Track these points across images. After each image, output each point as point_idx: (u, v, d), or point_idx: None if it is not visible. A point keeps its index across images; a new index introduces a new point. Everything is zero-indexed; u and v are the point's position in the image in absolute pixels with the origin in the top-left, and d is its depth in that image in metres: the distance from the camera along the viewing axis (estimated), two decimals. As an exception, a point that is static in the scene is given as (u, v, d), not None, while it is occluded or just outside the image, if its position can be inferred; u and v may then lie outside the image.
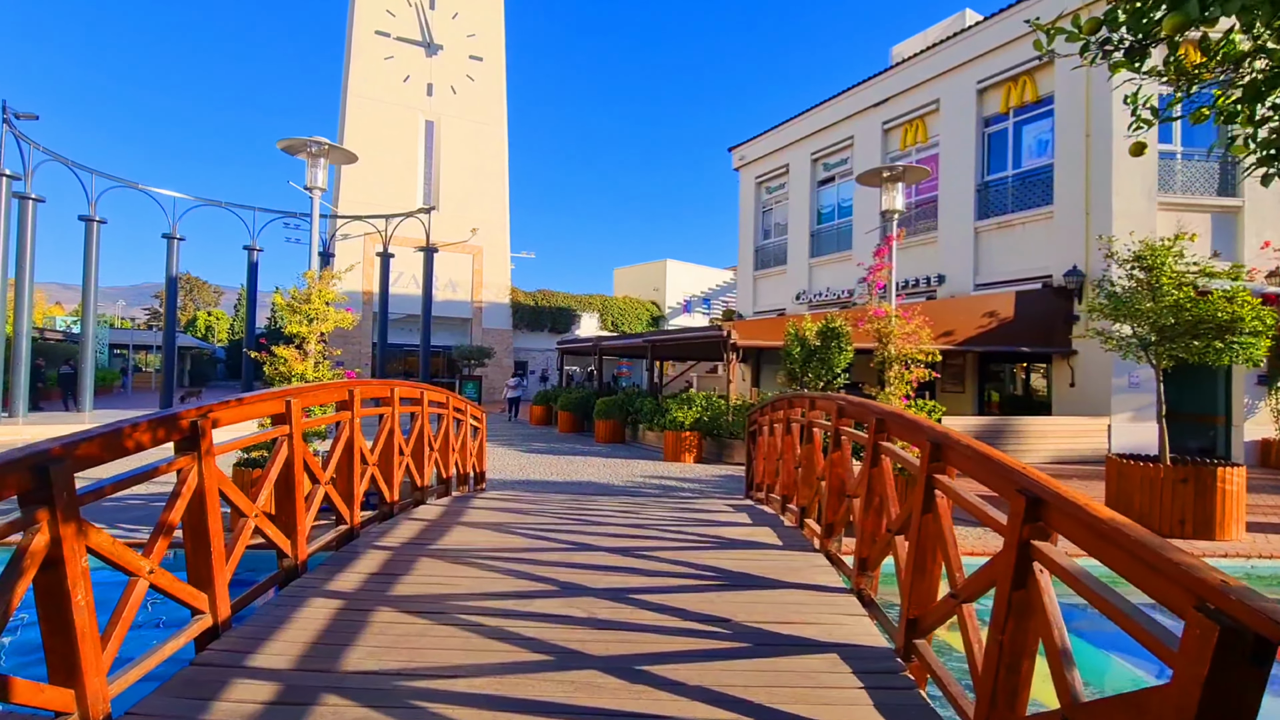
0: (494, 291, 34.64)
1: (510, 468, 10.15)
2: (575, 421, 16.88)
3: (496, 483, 8.59)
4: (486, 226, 33.97)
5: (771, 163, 22.14)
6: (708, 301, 41.76)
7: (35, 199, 14.19)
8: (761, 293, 22.94)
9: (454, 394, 5.95)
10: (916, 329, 6.16)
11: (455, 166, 33.59)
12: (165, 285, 18.18)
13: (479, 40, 34.37)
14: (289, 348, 5.77)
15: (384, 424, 4.90)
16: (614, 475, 9.52)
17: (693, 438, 11.33)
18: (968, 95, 15.62)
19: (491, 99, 34.70)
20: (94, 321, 15.96)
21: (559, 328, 37.03)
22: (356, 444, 4.48)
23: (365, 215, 20.74)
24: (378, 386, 5.01)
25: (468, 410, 6.04)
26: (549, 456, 11.62)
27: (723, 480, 9.24)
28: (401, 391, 5.02)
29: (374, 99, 31.81)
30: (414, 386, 5.32)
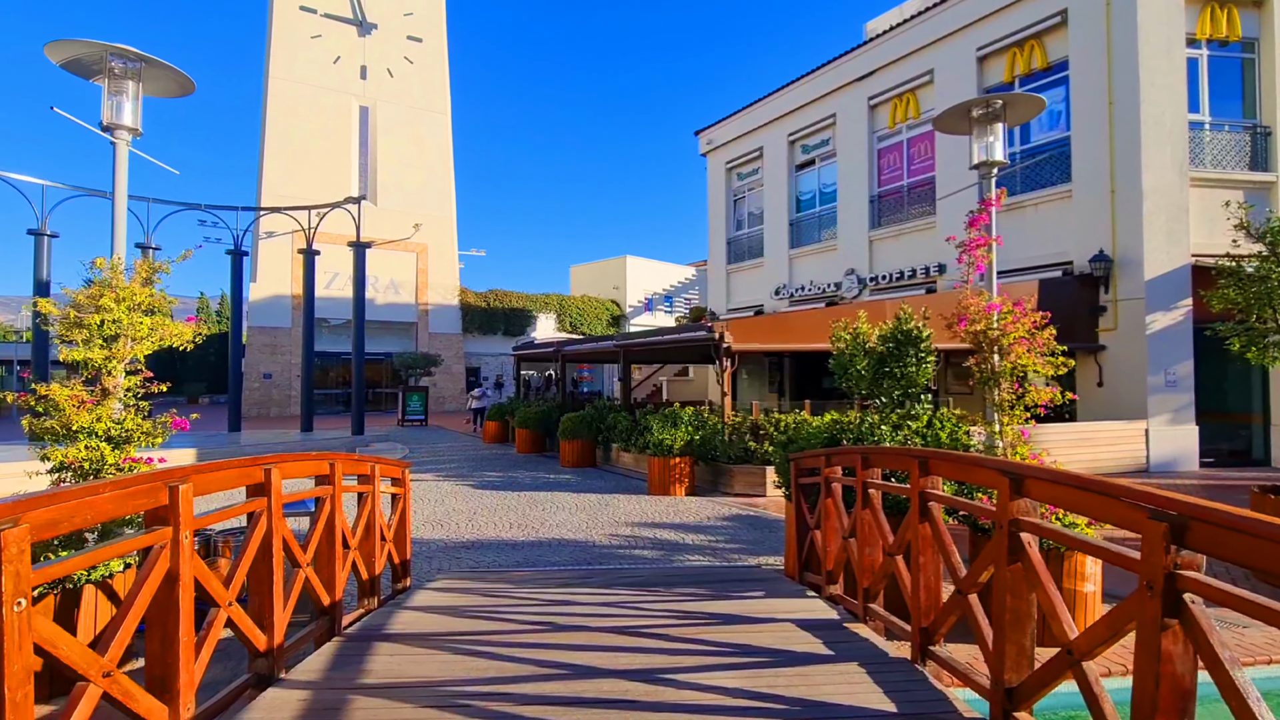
0: (441, 293, 31.93)
1: (456, 518, 7.92)
2: (536, 440, 14.66)
3: (435, 548, 6.39)
4: (431, 222, 31.23)
5: (743, 146, 20.34)
6: (670, 299, 39.94)
7: None
8: (736, 288, 21.14)
9: (376, 459, 3.78)
10: (1030, 328, 4.28)
11: (394, 157, 30.73)
12: (34, 290, 15.09)
13: (417, 19, 31.60)
14: (70, 383, 3.50)
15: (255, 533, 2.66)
16: (592, 524, 7.40)
17: (683, 464, 9.32)
18: (966, 64, 14.08)
19: (433, 83, 31.94)
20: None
21: (513, 330, 34.54)
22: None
23: (283, 208, 17.95)
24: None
25: (374, 476, 3.81)
26: (506, 495, 9.40)
27: (734, 528, 7.23)
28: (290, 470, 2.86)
29: (300, 81, 28.69)
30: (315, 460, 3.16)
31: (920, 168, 15.34)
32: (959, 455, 2.97)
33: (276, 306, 28.15)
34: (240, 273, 17.79)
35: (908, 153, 15.70)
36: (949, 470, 2.89)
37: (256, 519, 2.79)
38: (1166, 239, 11.36)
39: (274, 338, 28.19)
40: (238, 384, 18.32)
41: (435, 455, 14.35)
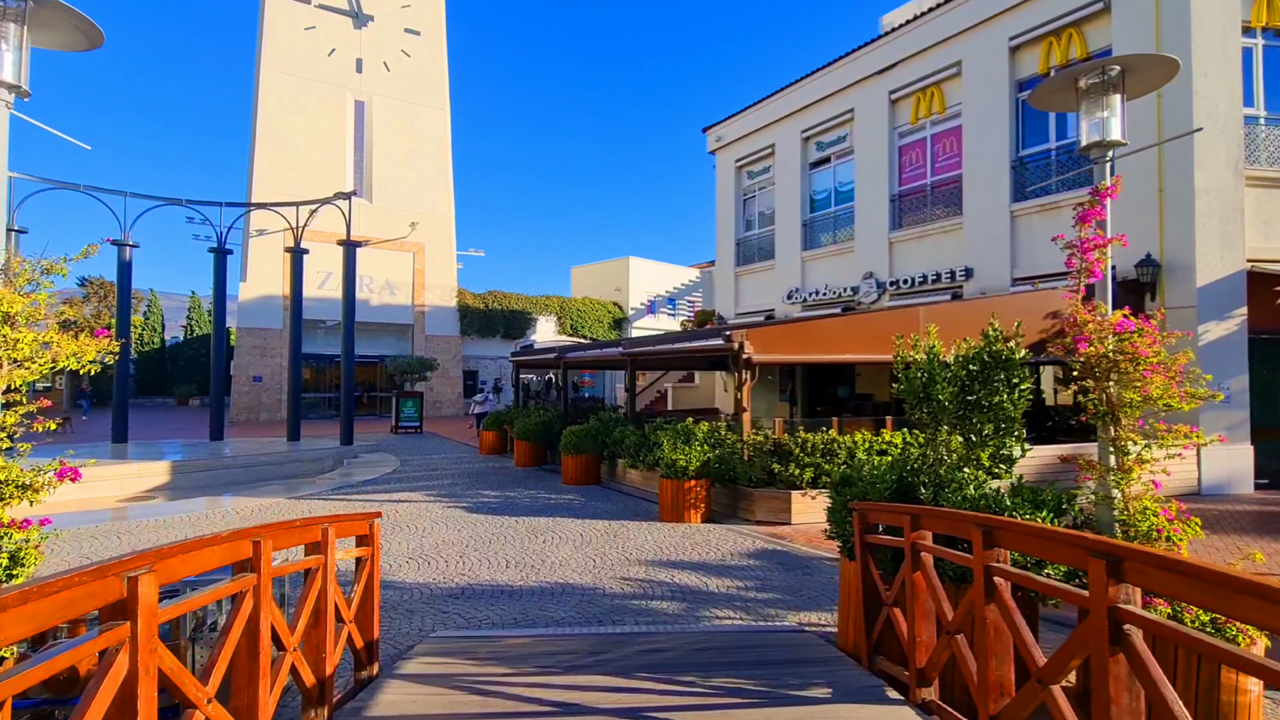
0: (439, 294, 31.02)
1: (446, 552, 7.02)
2: (536, 452, 13.76)
3: (418, 597, 5.51)
4: (428, 221, 30.33)
5: (754, 143, 19.46)
6: (673, 302, 39.06)
7: None
8: (745, 291, 20.25)
9: (331, 519, 2.89)
10: (1164, 351, 3.40)
11: (390, 153, 29.83)
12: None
13: (415, 11, 30.73)
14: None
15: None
16: (600, 563, 6.50)
17: (699, 488, 8.41)
18: (997, 55, 13.20)
19: (431, 78, 31.06)
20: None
21: (513, 333, 33.65)
22: None
23: (271, 204, 17.04)
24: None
25: (327, 544, 2.88)
26: (503, 521, 8.50)
27: (763, 568, 6.34)
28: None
29: (292, 74, 27.78)
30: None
31: (946, 165, 14.46)
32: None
33: (267, 307, 27.22)
34: (224, 271, 16.89)
35: (931, 150, 14.82)
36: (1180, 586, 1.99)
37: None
38: (1220, 242, 10.49)
39: (264, 339, 27.25)
40: (220, 388, 17.40)
41: (429, 469, 13.45)
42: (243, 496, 10.53)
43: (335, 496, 10.29)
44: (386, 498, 10.08)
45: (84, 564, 1.62)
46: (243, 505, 9.65)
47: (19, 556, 2.82)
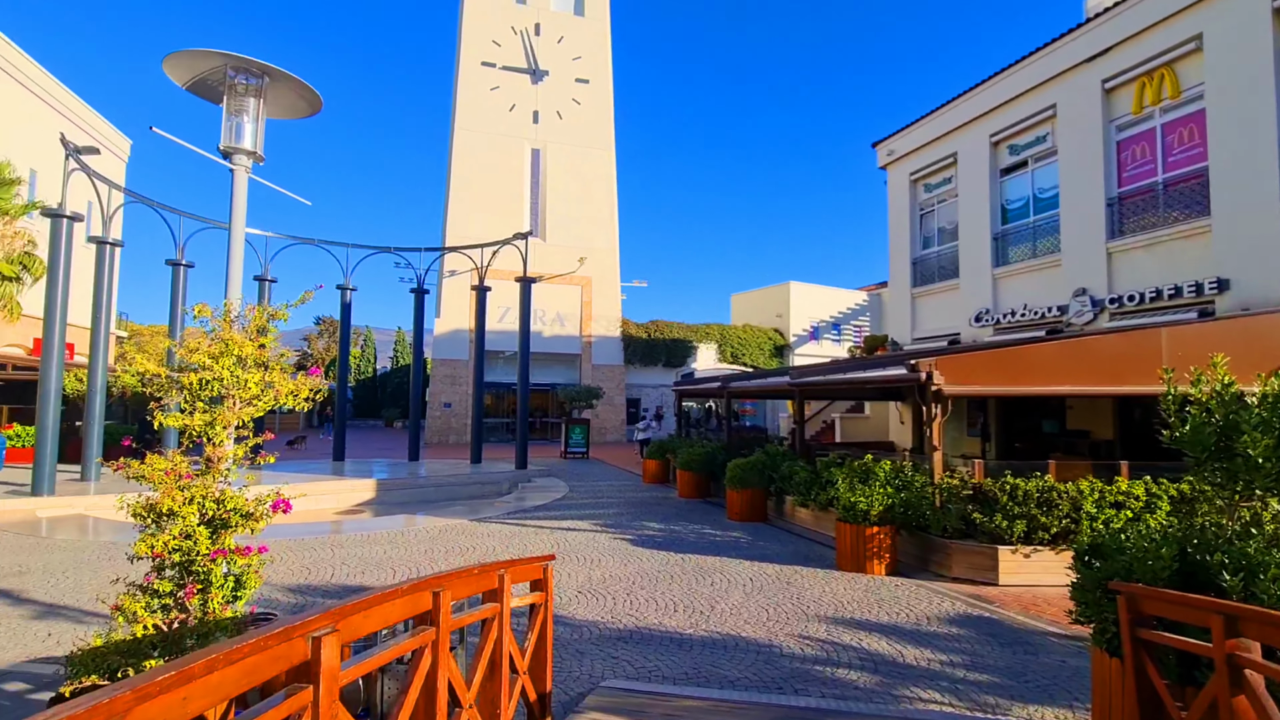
0: (604, 324, 32.31)
1: (613, 588, 6.91)
2: (699, 484, 13.48)
3: (588, 637, 5.40)
4: (595, 255, 31.87)
5: (932, 154, 17.91)
6: (838, 327, 37.13)
7: (113, 243, 13.19)
8: (923, 314, 18.51)
9: (506, 565, 2.83)
10: None
11: (562, 194, 31.93)
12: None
13: (585, 63, 32.84)
14: (171, 453, 2.96)
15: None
16: (775, 615, 5.98)
17: (883, 536, 7.54)
18: (1255, 21, 10.86)
19: (598, 122, 32.89)
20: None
21: (674, 361, 34.00)
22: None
23: (459, 247, 18.83)
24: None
25: (502, 591, 2.78)
26: (669, 557, 8.26)
27: (971, 640, 5.42)
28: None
29: (480, 130, 30.94)
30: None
31: (1183, 159, 12.11)
32: None
33: (456, 340, 30.14)
34: (422, 309, 18.92)
35: (1162, 142, 12.52)
36: None
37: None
38: None
39: (454, 369, 30.14)
40: (418, 413, 19.36)
41: (595, 496, 13.72)
42: (432, 516, 11.41)
43: (510, 520, 10.77)
44: (556, 525, 10.34)
45: (272, 622, 1.56)
46: (432, 525, 10.43)
47: (242, 579, 3.07)
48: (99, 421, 12.90)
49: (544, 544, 8.91)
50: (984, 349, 9.64)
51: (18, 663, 4.77)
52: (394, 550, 8.53)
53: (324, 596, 6.47)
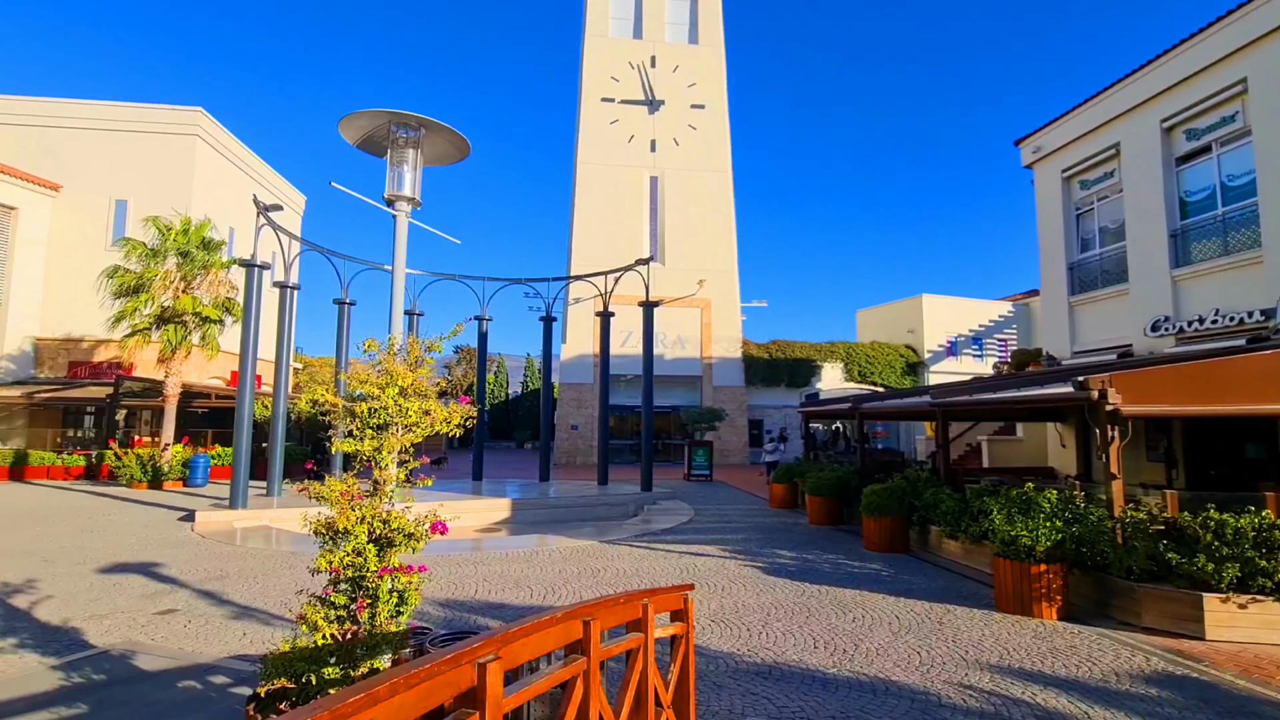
0: (724, 346, 32.10)
1: (747, 618, 6.69)
2: (831, 510, 12.84)
3: (724, 669, 5.24)
4: (714, 277, 31.88)
5: (1088, 147, 16.16)
6: (978, 341, 34.29)
7: (293, 287, 15.05)
8: (1084, 324, 16.59)
9: (649, 594, 2.82)
10: None
11: (679, 218, 32.35)
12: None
13: (700, 88, 33.30)
14: (345, 477, 3.24)
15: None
16: (928, 658, 5.48)
17: (1052, 575, 6.71)
18: None
19: (714, 145, 33.11)
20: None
21: (797, 381, 33.01)
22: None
23: (583, 275, 19.56)
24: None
25: (646, 620, 2.73)
26: (804, 588, 7.88)
27: (1177, 706, 4.65)
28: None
29: (601, 163, 32.21)
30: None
31: None
32: None
33: (581, 365, 31.22)
34: (550, 336, 19.80)
35: (1399, 108, 10.42)
36: None
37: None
38: None
39: (579, 393, 31.20)
40: (548, 435, 20.17)
41: (721, 520, 13.49)
42: (562, 536, 11.75)
43: (638, 544, 10.83)
44: (684, 549, 10.25)
45: (425, 636, 1.61)
46: (563, 545, 10.72)
47: (405, 596, 3.28)
48: (281, 443, 14.67)
49: (672, 569, 8.85)
50: (1167, 362, 8.40)
51: (221, 658, 5.42)
52: (530, 569, 8.84)
53: (469, 612, 6.81)
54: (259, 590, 7.62)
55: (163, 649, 5.63)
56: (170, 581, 8.01)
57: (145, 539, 10.78)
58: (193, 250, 19.74)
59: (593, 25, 33.45)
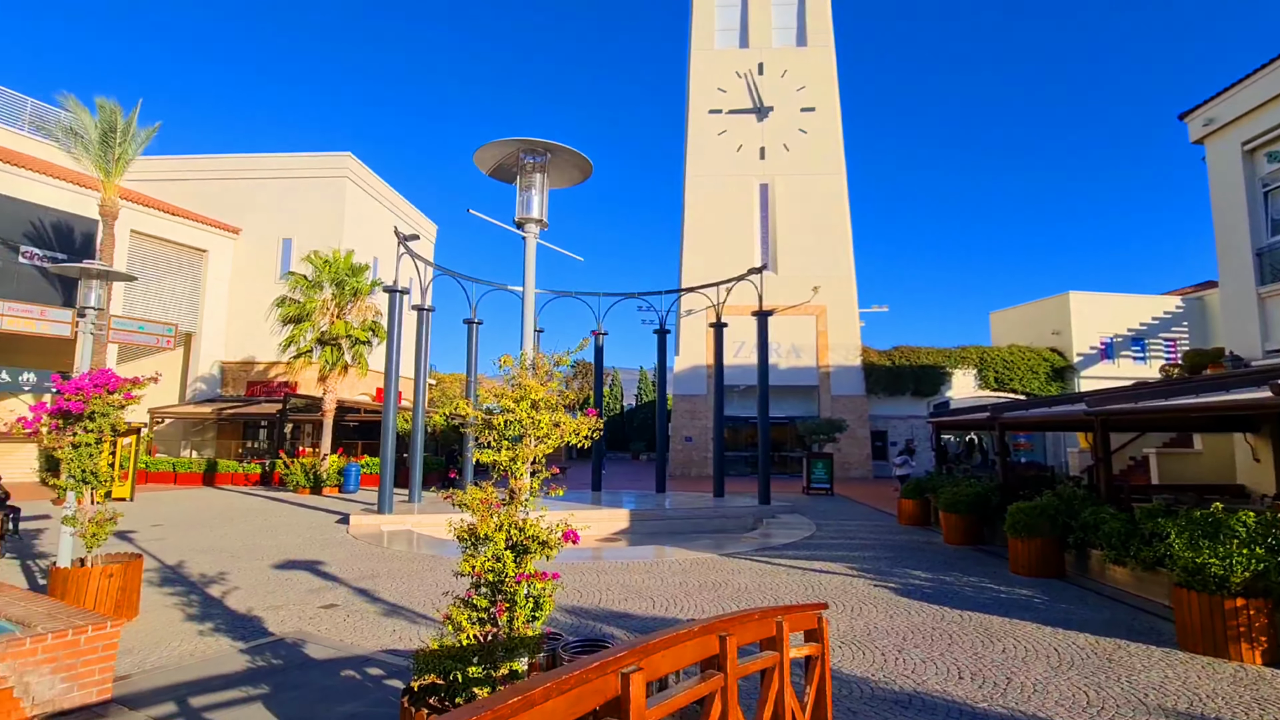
0: (842, 353, 30.85)
1: (881, 641, 6.33)
2: (969, 528, 11.89)
3: (860, 696, 4.98)
4: (829, 283, 30.80)
5: (1276, 113, 13.96)
6: (1139, 342, 30.56)
7: (429, 309, 16.31)
8: (1279, 319, 14.27)
9: (783, 611, 2.75)
10: None
11: (792, 224, 31.63)
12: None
13: (809, 91, 32.52)
14: (484, 485, 3.44)
15: None
16: (1098, 699, 4.90)
17: (1254, 611, 5.76)
18: None
19: (826, 147, 32.12)
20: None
21: (924, 390, 31.02)
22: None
23: (695, 287, 19.59)
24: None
25: (781, 638, 2.64)
26: (941, 612, 7.34)
27: None
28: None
29: (709, 176, 32.26)
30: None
31: None
32: None
33: (695, 376, 31.23)
34: (664, 348, 20.00)
35: None
36: None
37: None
38: None
39: (693, 404, 31.20)
40: (663, 447, 20.32)
41: (845, 536, 12.89)
42: (680, 548, 11.74)
43: (758, 558, 10.59)
44: (807, 565, 9.89)
45: (586, 656, 1.65)
46: (682, 557, 10.71)
47: (540, 602, 3.41)
48: (420, 454, 15.89)
49: (796, 586, 8.56)
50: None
51: (375, 651, 5.91)
52: (650, 580, 8.90)
53: (594, 620, 6.97)
54: (405, 590, 8.25)
55: (327, 640, 6.23)
56: (330, 579, 8.88)
57: (309, 539, 12.04)
58: (344, 279, 22.00)
59: (698, 40, 33.72)
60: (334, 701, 4.75)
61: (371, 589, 8.29)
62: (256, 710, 4.59)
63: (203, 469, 23.21)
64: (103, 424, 6.59)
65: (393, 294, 14.50)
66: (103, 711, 4.46)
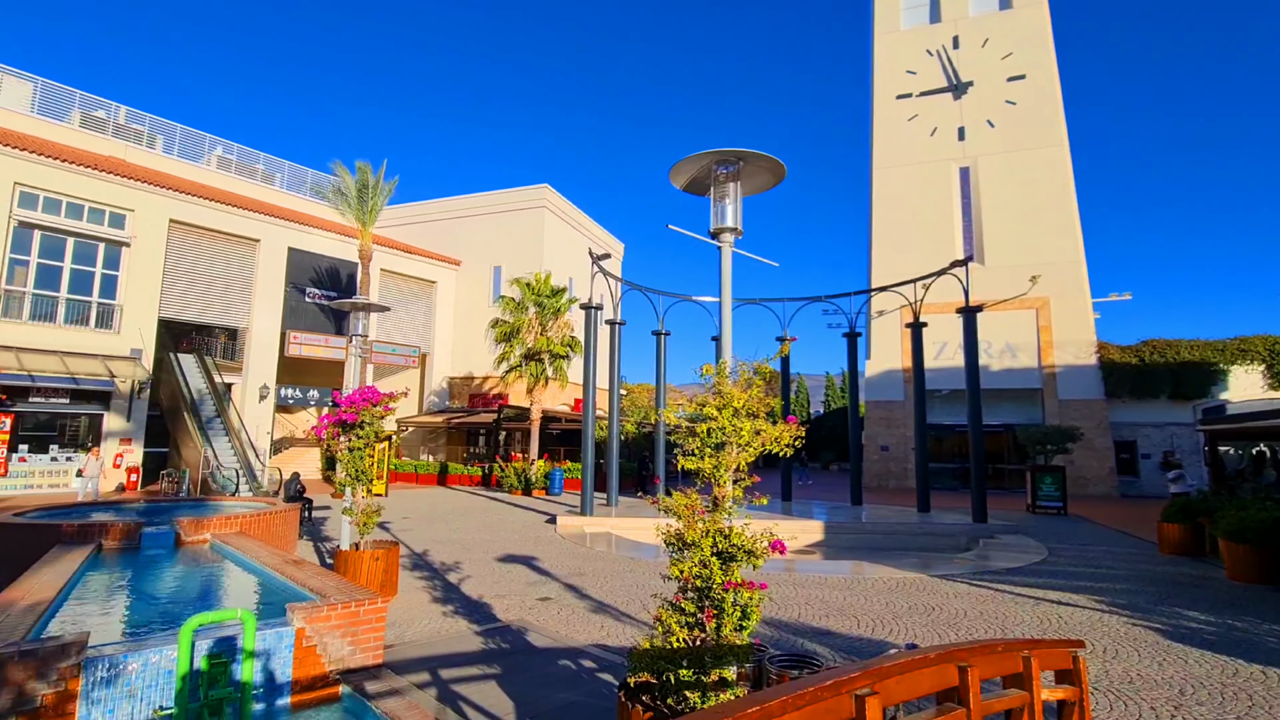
0: (1072, 351, 26.79)
1: (1152, 699, 5.34)
2: (1263, 563, 9.58)
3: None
4: (1051, 271, 26.98)
5: None
6: None
7: (620, 323, 17.23)
8: None
9: (1029, 644, 2.47)
10: None
11: (1001, 208, 28.28)
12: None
13: (1018, 58, 28.97)
14: (689, 492, 3.52)
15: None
16: None
17: None
18: None
19: (1042, 117, 28.30)
20: (662, 420, 18.11)
21: (1186, 391, 25.82)
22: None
23: (888, 286, 18.31)
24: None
25: (1030, 676, 2.32)
26: (1228, 664, 5.99)
27: None
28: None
29: (899, 167, 30.13)
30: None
31: None
32: None
33: (888, 381, 29.18)
34: (855, 352, 18.96)
35: None
36: None
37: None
38: None
39: (888, 411, 29.15)
40: (858, 457, 19.22)
41: (1087, 564, 11.11)
42: (882, 565, 10.97)
43: (978, 582, 9.53)
44: (1039, 595, 8.68)
45: (813, 674, 1.61)
46: (885, 575, 10.00)
47: (747, 611, 3.40)
48: (616, 460, 16.79)
49: (1028, 618, 7.55)
50: None
51: (586, 644, 6.34)
52: (852, 598, 8.44)
53: (794, 634, 6.78)
54: (609, 589, 8.74)
55: (544, 629, 6.82)
56: (544, 573, 9.71)
57: (523, 536, 13.30)
58: (545, 300, 24.15)
59: (882, 22, 31.74)
60: (554, 688, 5.17)
61: (579, 585, 8.91)
62: (491, 688, 5.16)
63: (436, 471, 26.80)
64: (369, 432, 7.91)
65: (588, 310, 15.56)
66: (376, 674, 5.32)
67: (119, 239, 20.85)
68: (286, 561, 7.17)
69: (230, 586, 7.24)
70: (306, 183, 31.47)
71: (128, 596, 6.73)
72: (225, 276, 23.93)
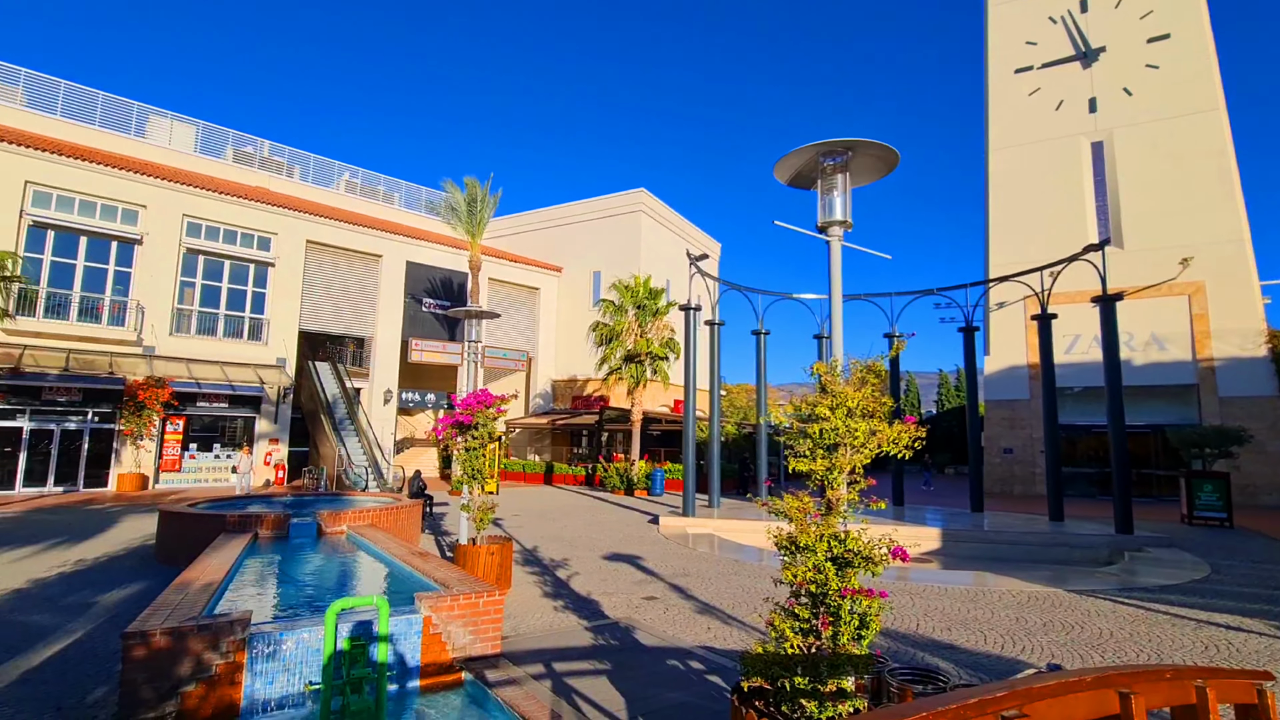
0: (1234, 341, 23.63)
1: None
2: None
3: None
4: (1207, 251, 23.95)
5: None
6: None
7: (719, 323, 17.11)
8: None
9: (1208, 674, 2.21)
10: None
11: (1143, 184, 25.45)
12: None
13: (1159, 16, 26.01)
14: (800, 495, 3.41)
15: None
16: None
17: None
18: None
19: (1191, 80, 25.22)
20: (765, 421, 17.78)
21: (1391, 386, 22.00)
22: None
23: (1010, 276, 16.95)
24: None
25: (1205, 702, 2.04)
26: None
27: None
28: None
29: (1019, 146, 27.88)
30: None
31: None
32: None
33: (1011, 378, 27.04)
34: (973, 348, 17.72)
35: None
36: None
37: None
38: None
39: (1011, 410, 27.01)
40: (977, 460, 17.94)
41: (1262, 583, 9.74)
42: (1008, 577, 10.16)
43: (1124, 600, 8.60)
44: (1201, 617, 7.71)
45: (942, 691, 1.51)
46: (1013, 588, 9.26)
47: (866, 619, 3.26)
48: (717, 461, 16.68)
49: (1187, 643, 6.73)
50: None
51: (693, 645, 6.33)
52: (976, 610, 7.89)
53: (914, 647, 6.43)
54: (714, 591, 8.69)
55: (652, 628, 6.88)
56: (649, 573, 9.80)
57: (627, 535, 13.50)
58: (644, 303, 24.43)
59: (996, -8, 29.49)
60: (664, 687, 5.21)
61: (684, 586, 8.92)
62: (603, 684, 5.27)
63: (543, 470, 27.80)
64: (483, 433, 8.34)
65: (687, 312, 15.57)
66: (495, 663, 5.58)
67: (266, 260, 23.30)
68: (413, 553, 7.70)
69: (364, 574, 7.88)
70: (421, 200, 33.75)
71: (278, 580, 7.49)
72: (353, 290, 26.10)
